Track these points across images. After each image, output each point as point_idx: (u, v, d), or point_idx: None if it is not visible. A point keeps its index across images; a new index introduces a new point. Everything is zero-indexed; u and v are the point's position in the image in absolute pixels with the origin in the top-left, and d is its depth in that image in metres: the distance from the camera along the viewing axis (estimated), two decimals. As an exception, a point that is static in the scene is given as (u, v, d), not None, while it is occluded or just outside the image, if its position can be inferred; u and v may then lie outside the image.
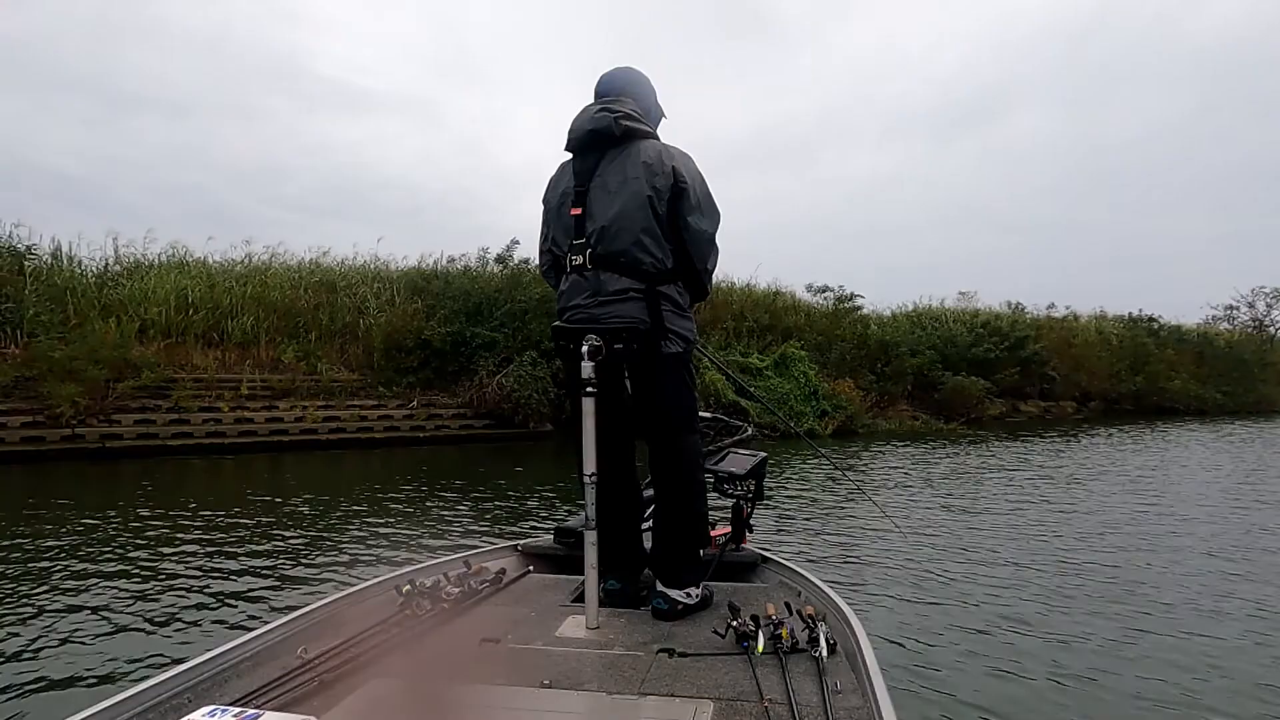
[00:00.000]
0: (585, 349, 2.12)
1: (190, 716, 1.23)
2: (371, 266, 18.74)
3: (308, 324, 16.04)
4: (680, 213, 2.27)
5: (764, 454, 2.96)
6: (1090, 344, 28.67)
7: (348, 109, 58.80)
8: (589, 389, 2.09)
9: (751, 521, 2.97)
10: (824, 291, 23.93)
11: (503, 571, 2.63)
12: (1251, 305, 38.00)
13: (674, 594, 2.28)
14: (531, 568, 2.80)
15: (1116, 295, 38.75)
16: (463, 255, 19.18)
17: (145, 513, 7.36)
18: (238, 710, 1.25)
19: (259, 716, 1.22)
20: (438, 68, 78.42)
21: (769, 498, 6.72)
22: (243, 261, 17.67)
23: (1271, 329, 37.64)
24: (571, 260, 2.32)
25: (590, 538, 2.11)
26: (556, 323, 2.32)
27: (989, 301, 29.68)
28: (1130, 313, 32.36)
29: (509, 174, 68.65)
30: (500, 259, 18.36)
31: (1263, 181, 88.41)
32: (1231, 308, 38.41)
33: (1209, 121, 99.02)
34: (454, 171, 61.21)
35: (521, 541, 3.09)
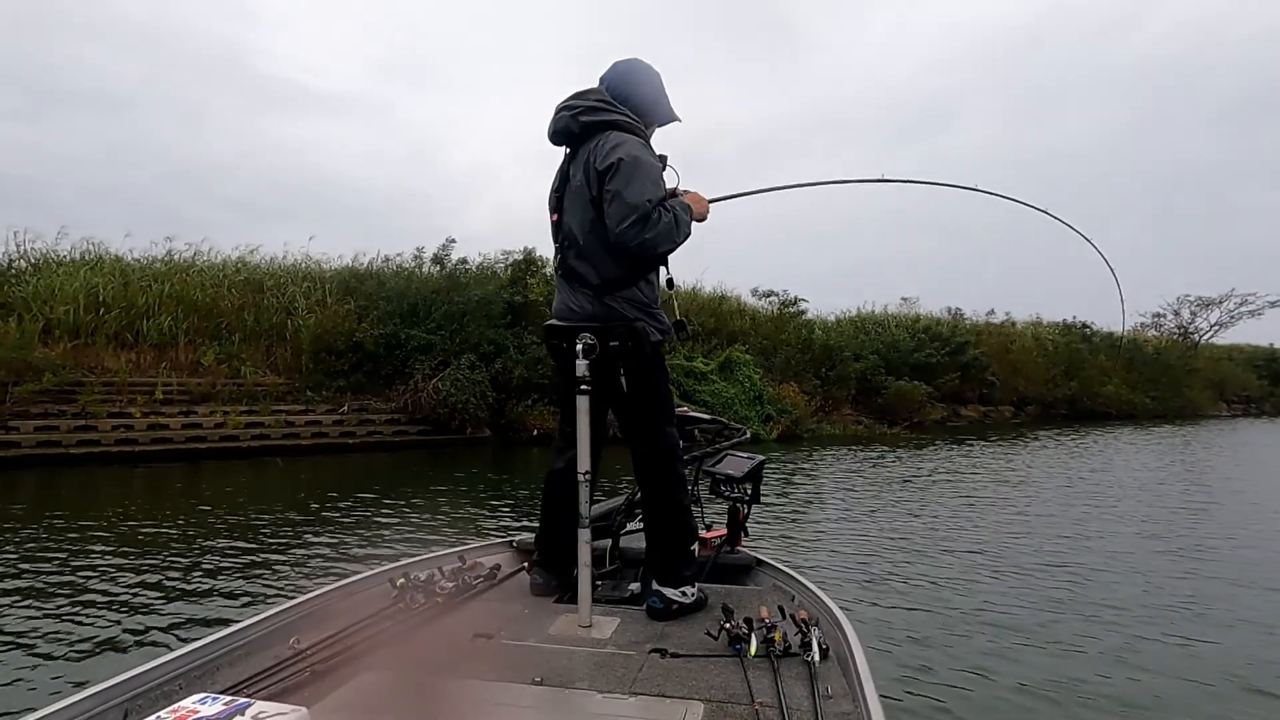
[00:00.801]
0: (580, 347, 2.14)
1: (181, 703, 1.21)
2: (303, 266, 17.90)
3: (231, 325, 15.19)
4: (605, 189, 2.22)
5: (761, 457, 2.95)
6: (1027, 349, 29.32)
7: (296, 108, 56.74)
8: (583, 387, 2.10)
9: (747, 524, 2.97)
10: (769, 296, 23.89)
11: (497, 567, 2.62)
12: (1177, 313, 39.23)
13: (669, 593, 2.27)
14: (526, 564, 2.75)
15: (1052, 301, 39.63)
16: (398, 254, 18.51)
17: (49, 526, 6.70)
18: (228, 699, 1.23)
19: (249, 705, 1.20)
20: (390, 67, 76.49)
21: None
22: (163, 259, 16.70)
23: (1195, 336, 38.98)
24: (555, 262, 2.43)
25: (584, 535, 2.11)
26: (549, 321, 2.42)
27: (930, 307, 30.14)
28: (1065, 319, 33.29)
29: (462, 175, 67.24)
30: (437, 259, 17.75)
31: (1192, 191, 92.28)
32: (1158, 315, 39.63)
33: (1148, 132, 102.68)
34: (405, 173, 59.36)
35: (517, 538, 3.06)
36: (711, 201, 2.51)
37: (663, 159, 2.34)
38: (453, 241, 17.86)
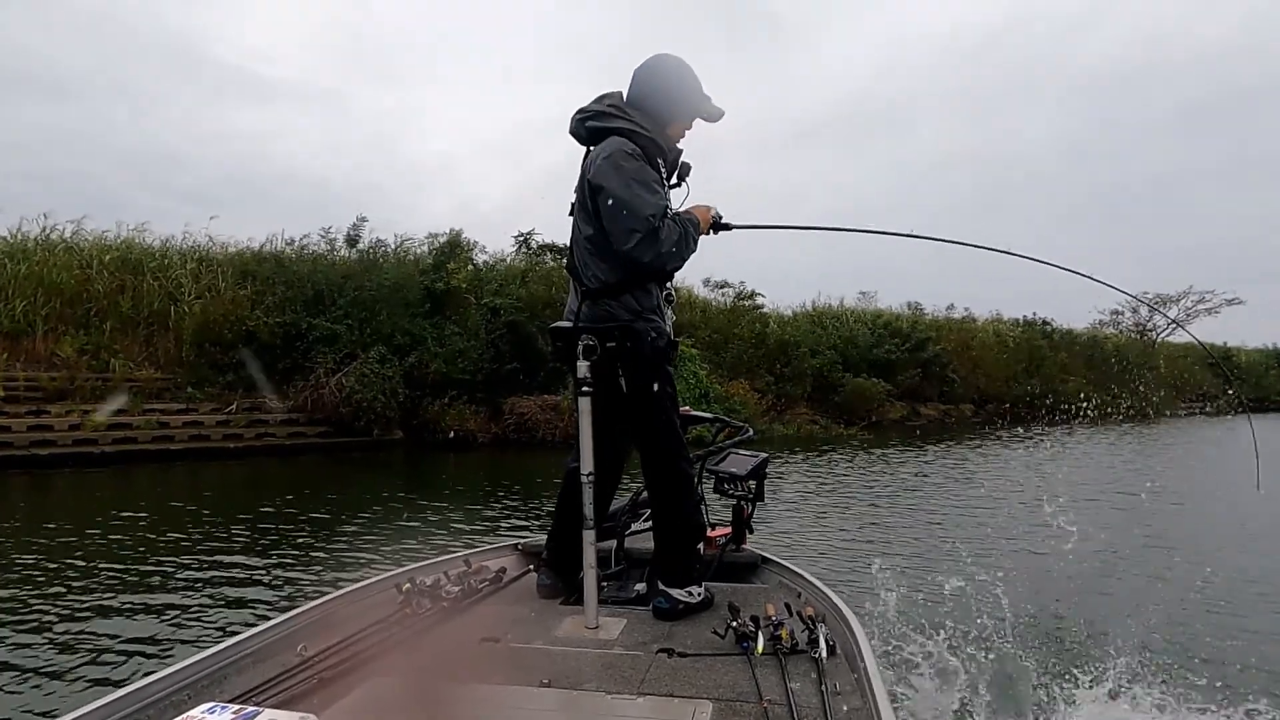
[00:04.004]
0: (580, 348, 2.12)
1: (189, 713, 1.20)
2: (202, 247, 15.75)
3: (102, 311, 13.23)
4: (598, 202, 2.18)
5: (765, 455, 2.91)
6: (988, 346, 28.46)
7: (250, 97, 52.78)
8: (584, 388, 2.09)
9: (752, 522, 2.92)
10: (723, 287, 22.50)
11: (503, 570, 2.57)
12: (1135, 311, 38.87)
13: (676, 593, 2.24)
14: (532, 567, 2.66)
15: (1009, 300, 38.85)
16: (304, 236, 16.38)
17: None
18: (237, 707, 1.21)
19: (258, 714, 1.19)
20: (350, 56, 73.05)
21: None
22: (37, 238, 14.52)
23: (1153, 334, 38.68)
24: (567, 263, 2.46)
25: (589, 537, 2.08)
26: (554, 324, 2.37)
27: (889, 302, 29.03)
28: (1025, 316, 32.56)
29: (423, 168, 64.25)
30: (350, 240, 15.93)
31: (1139, 198, 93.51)
32: (1116, 313, 39.24)
33: (1100, 140, 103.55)
34: (364, 165, 55.87)
35: (522, 540, 2.99)
36: (722, 226, 2.46)
37: (685, 167, 2.35)
38: (364, 219, 16.05)
